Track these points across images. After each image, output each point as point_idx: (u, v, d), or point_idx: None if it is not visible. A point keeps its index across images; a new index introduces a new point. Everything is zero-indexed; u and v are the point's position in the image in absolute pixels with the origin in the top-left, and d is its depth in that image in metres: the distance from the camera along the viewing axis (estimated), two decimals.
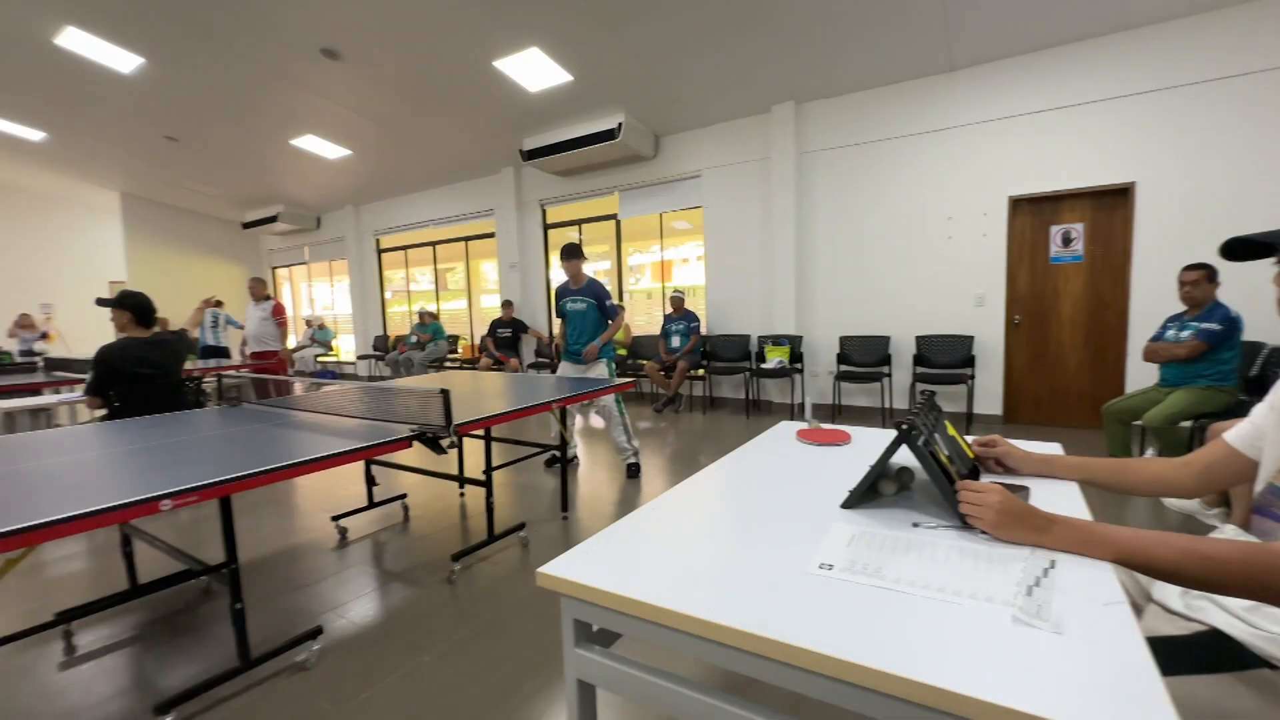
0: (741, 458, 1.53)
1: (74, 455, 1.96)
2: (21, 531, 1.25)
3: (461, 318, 9.59)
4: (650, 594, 0.83)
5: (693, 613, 0.78)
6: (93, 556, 2.91)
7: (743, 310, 6.39)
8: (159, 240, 10.65)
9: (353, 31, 5.06)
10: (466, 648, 2.02)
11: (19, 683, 1.91)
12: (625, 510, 3.31)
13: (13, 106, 7.12)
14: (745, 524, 1.08)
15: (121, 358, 3.01)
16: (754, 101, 5.77)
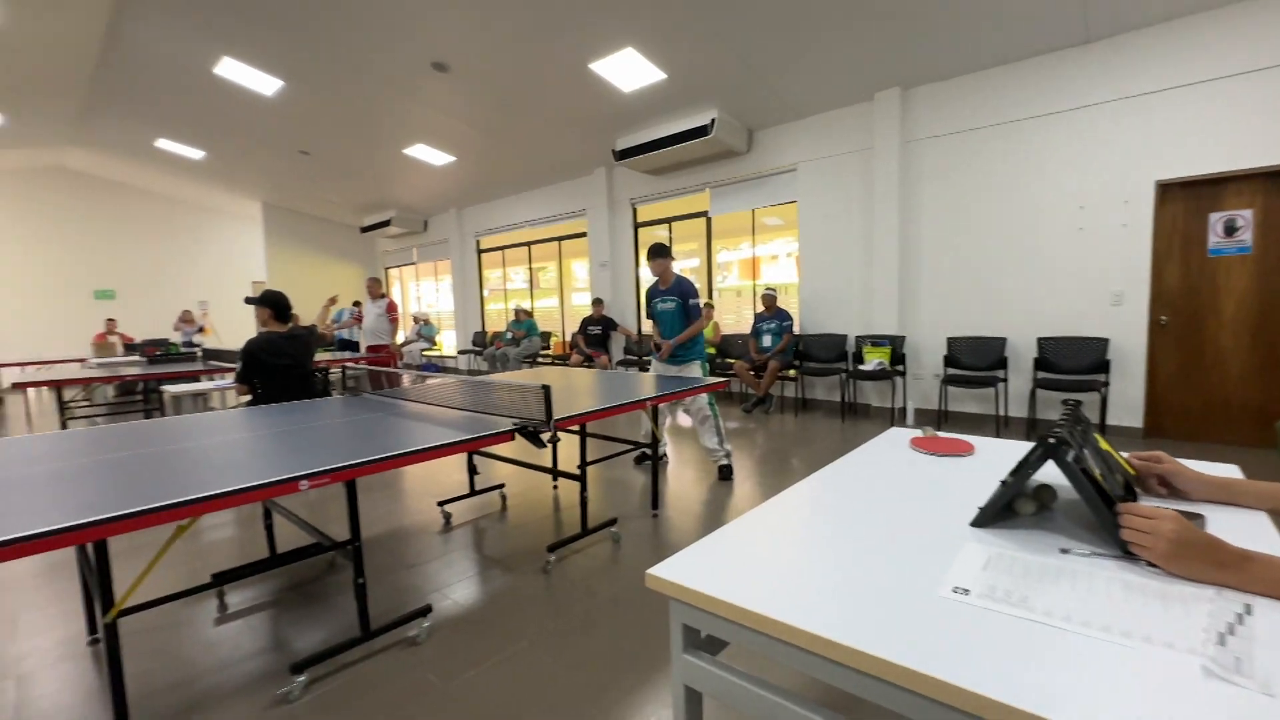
0: (851, 465, 1.45)
1: (226, 436, 2.21)
2: (190, 503, 1.42)
3: (553, 315, 9.91)
4: (764, 605, 0.80)
5: (813, 629, 0.74)
6: (240, 526, 3.28)
7: (839, 309, 6.11)
8: (293, 244, 11.86)
9: (461, 45, 5.35)
10: (562, 639, 2.07)
11: (184, 633, 2.18)
12: (716, 511, 3.27)
13: (181, 131, 8.20)
14: (862, 537, 1.01)
15: (263, 350, 3.36)
16: (856, 89, 5.49)
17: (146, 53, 6.03)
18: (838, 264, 6.07)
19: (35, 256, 10.71)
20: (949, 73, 5.11)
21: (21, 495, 1.52)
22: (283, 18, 5.12)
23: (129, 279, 11.72)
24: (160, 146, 8.81)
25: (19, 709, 1.79)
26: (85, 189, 11.16)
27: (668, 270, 3.95)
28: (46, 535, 1.22)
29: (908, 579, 0.86)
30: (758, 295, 6.59)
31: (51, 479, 1.67)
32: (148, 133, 8.39)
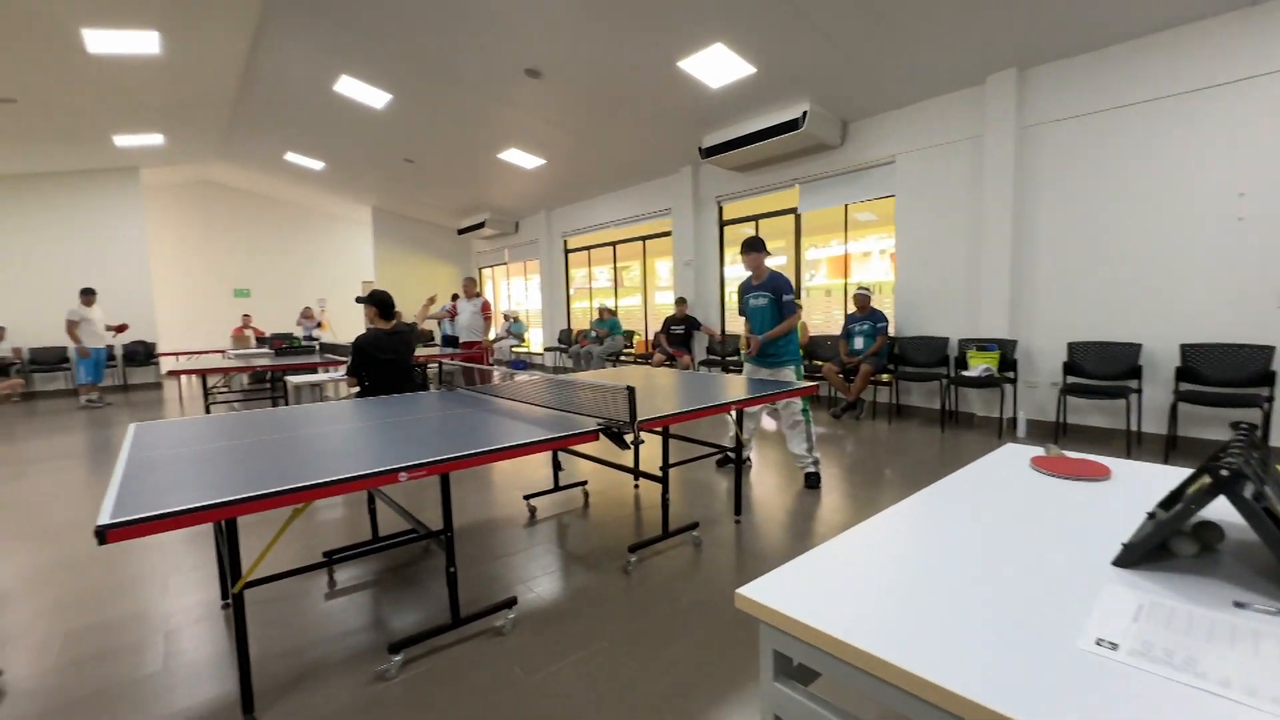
0: (963, 484, 1.32)
1: (336, 426, 2.38)
2: (305, 489, 1.53)
3: (636, 314, 9.98)
4: (866, 639, 0.73)
5: (925, 674, 0.66)
6: (348, 507, 3.54)
7: (940, 309, 5.70)
8: (398, 245, 12.74)
9: (552, 51, 5.49)
10: (642, 641, 2.05)
11: (300, 605, 2.38)
12: (802, 520, 3.14)
13: (305, 144, 9.03)
14: (980, 569, 0.91)
15: (370, 345, 3.61)
16: (965, 73, 5.08)
17: (278, 76, 6.68)
18: (939, 261, 5.66)
19: (187, 260, 12.21)
20: (1074, 49, 4.60)
21: (172, 473, 1.71)
22: (392, 34, 5.49)
23: (261, 278, 13.09)
24: (288, 159, 9.75)
25: (167, 659, 2.03)
26: (227, 199, 12.59)
27: (761, 265, 3.83)
28: (189, 512, 1.36)
29: (1037, 624, 0.75)
30: (849, 295, 6.28)
31: (196, 460, 1.87)
32: (278, 147, 9.32)
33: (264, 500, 1.46)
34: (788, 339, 3.79)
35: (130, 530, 1.28)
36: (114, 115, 7.36)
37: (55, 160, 8.64)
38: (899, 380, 5.84)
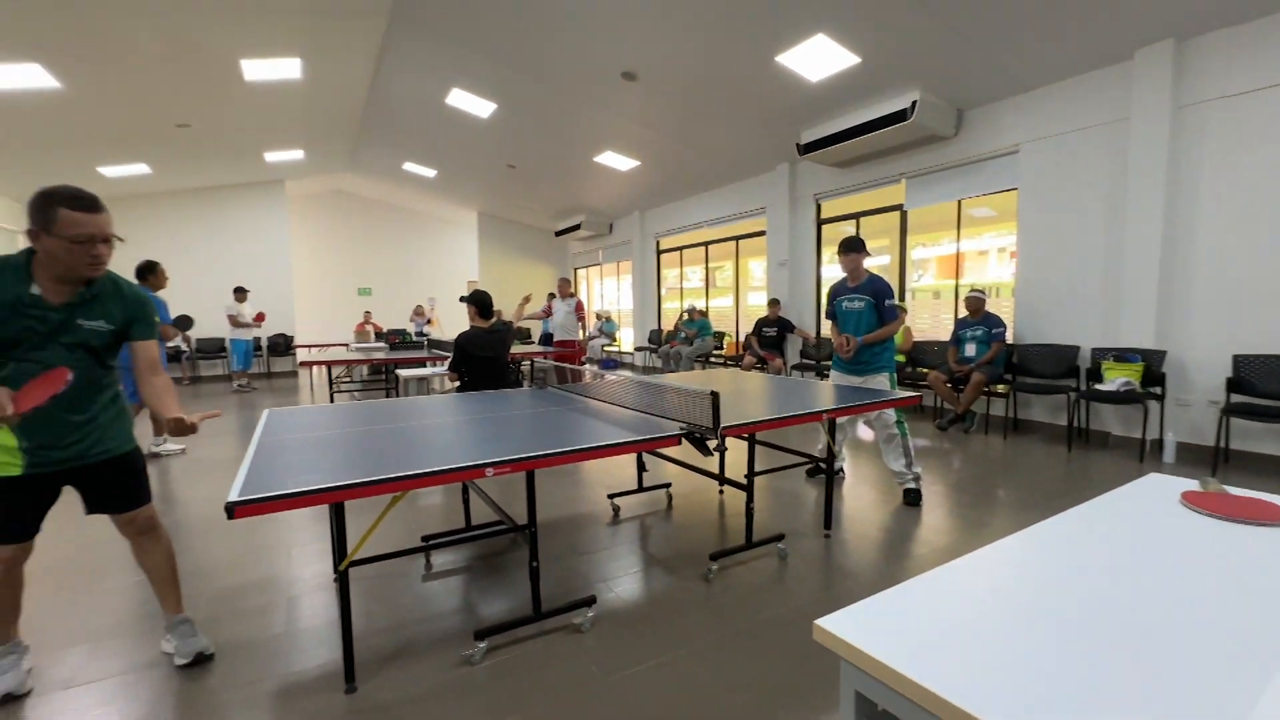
0: (1094, 518, 1.16)
1: (436, 419, 2.52)
2: (402, 479, 1.63)
3: (728, 315, 9.83)
4: (969, 699, 0.64)
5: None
6: (446, 494, 3.76)
7: (1069, 315, 5.11)
8: (500, 247, 13.43)
9: (648, 53, 5.52)
10: (721, 652, 2.00)
11: (401, 584, 2.55)
12: (899, 540, 2.93)
13: (421, 153, 9.75)
14: (1115, 627, 0.78)
15: (470, 343, 3.82)
16: (1108, 48, 4.51)
17: (399, 93, 7.25)
18: (1069, 261, 5.07)
19: (320, 261, 13.59)
20: (1247, 13, 3.94)
21: (294, 457, 1.89)
22: (497, 46, 5.77)
23: (381, 278, 14.31)
24: (406, 168, 10.58)
25: (288, 623, 2.25)
26: (354, 206, 13.88)
27: (859, 267, 3.62)
28: (301, 495, 1.49)
29: (1193, 706, 0.63)
30: (960, 297, 5.80)
31: (315, 445, 2.06)
32: (397, 157, 10.13)
33: (365, 488, 1.57)
34: (884, 345, 3.56)
35: (253, 508, 1.42)
36: (265, 134, 8.34)
37: (217, 175, 9.93)
38: (1017, 392, 5.30)
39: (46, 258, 1.67)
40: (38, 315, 1.68)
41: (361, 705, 1.76)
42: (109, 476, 1.88)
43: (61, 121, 6.46)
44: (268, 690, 1.84)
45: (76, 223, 1.63)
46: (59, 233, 1.62)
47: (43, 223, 1.62)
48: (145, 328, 1.88)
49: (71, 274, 1.69)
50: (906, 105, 5.39)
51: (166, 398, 1.81)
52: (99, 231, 1.67)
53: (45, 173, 8.10)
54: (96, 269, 1.72)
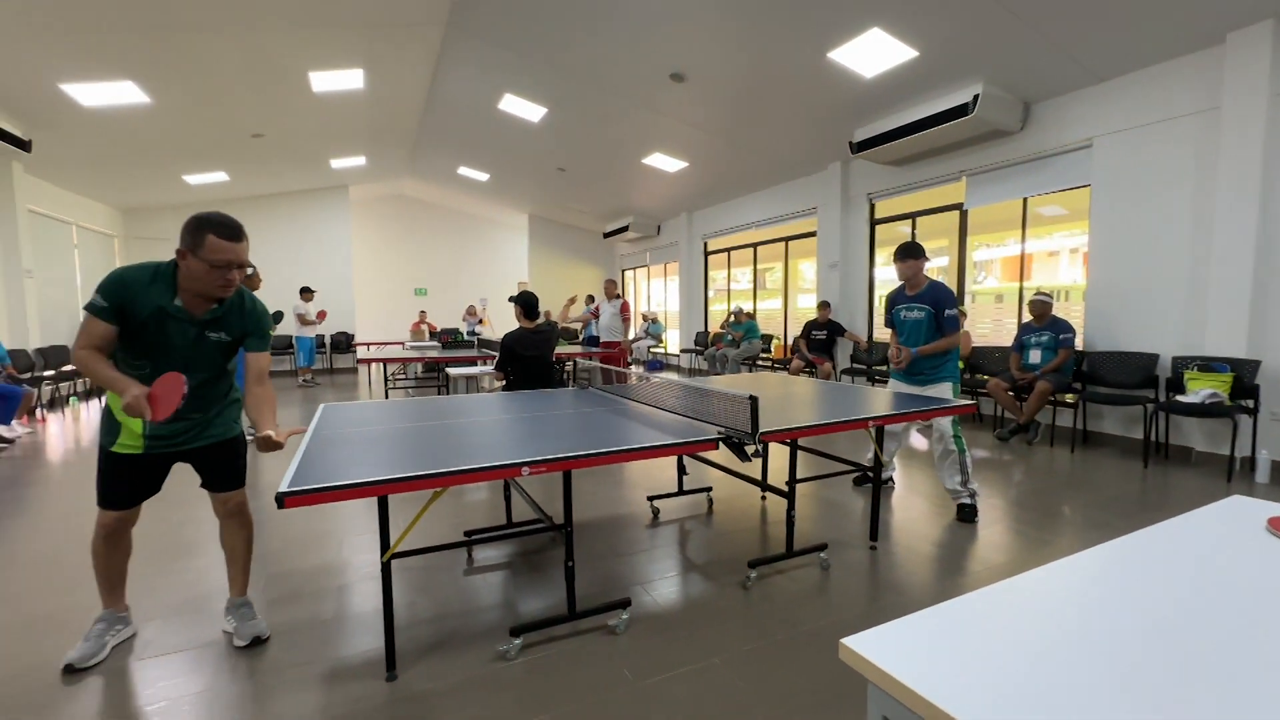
0: (1159, 542, 1.06)
1: (482, 417, 2.58)
2: (442, 475, 1.67)
3: (776, 317, 9.66)
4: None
5: None
6: (491, 490, 3.84)
7: (1146, 321, 4.75)
8: (549, 249, 13.65)
9: (697, 54, 5.49)
10: (757, 663, 1.95)
11: (443, 578, 2.62)
12: (950, 556, 2.79)
13: (474, 158, 10.02)
14: (1172, 666, 0.71)
15: (517, 343, 3.89)
16: (1194, 32, 4.17)
17: (454, 99, 7.48)
18: (1148, 263, 4.71)
19: (380, 263, 14.17)
20: None
21: (345, 451, 1.97)
22: (547, 50, 5.87)
23: (436, 278, 14.80)
24: (460, 173, 10.90)
25: (339, 608, 2.35)
26: (412, 209, 14.42)
27: (919, 274, 3.45)
28: (346, 488, 1.55)
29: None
30: (1024, 300, 5.48)
31: (365, 440, 2.14)
32: (452, 162, 10.45)
33: (405, 483, 1.62)
34: (946, 355, 3.39)
35: (302, 499, 1.49)
36: (330, 142, 8.77)
37: (287, 182, 10.52)
38: (1087, 402, 4.97)
39: (187, 275, 1.84)
40: (177, 324, 1.88)
41: (400, 694, 1.82)
42: (213, 458, 2.08)
43: (151, 134, 6.99)
44: (315, 673, 1.93)
45: (220, 249, 1.80)
46: (204, 256, 1.79)
47: (191, 245, 1.79)
48: (259, 341, 2.05)
49: (205, 293, 1.87)
50: (968, 99, 5.15)
51: (265, 410, 1.95)
52: (236, 259, 1.84)
53: (138, 182, 8.79)
54: (226, 291, 1.89)
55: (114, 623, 2.07)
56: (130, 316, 1.82)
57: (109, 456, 1.96)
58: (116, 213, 9.99)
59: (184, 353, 1.92)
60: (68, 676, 1.90)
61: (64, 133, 6.45)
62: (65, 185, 8.22)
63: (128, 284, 1.81)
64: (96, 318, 1.79)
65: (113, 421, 1.95)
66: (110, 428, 1.95)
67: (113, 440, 1.94)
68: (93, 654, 1.96)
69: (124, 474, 1.97)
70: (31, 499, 3.79)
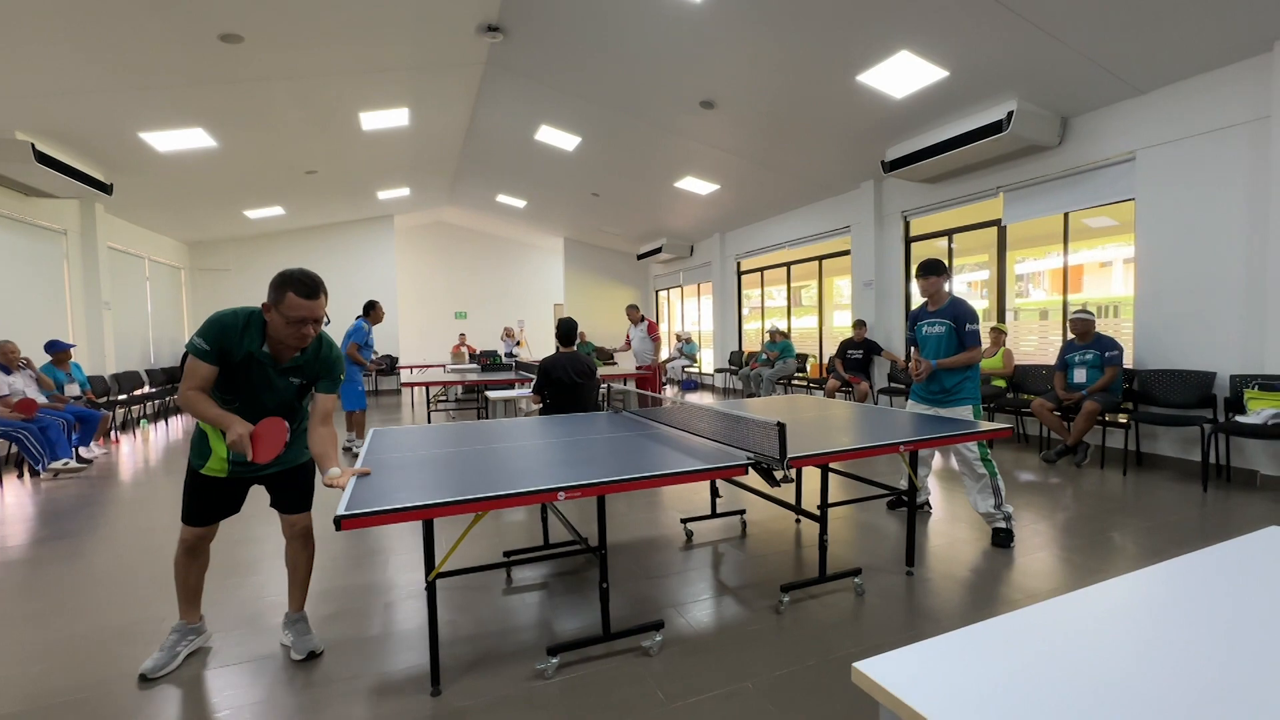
0: (1213, 566, 1.06)
1: (519, 442, 2.69)
2: (483, 500, 1.77)
3: (811, 336, 9.59)
4: None
5: None
6: (525, 513, 3.94)
7: (1201, 337, 4.56)
8: (584, 271, 13.92)
9: (726, 81, 5.62)
10: (789, 689, 1.97)
11: (483, 598, 2.72)
12: (988, 583, 2.74)
13: (512, 185, 10.38)
14: (1212, 704, 0.73)
15: (552, 367, 4.01)
16: (1239, 42, 4.06)
17: (493, 131, 7.81)
18: (1200, 278, 4.54)
19: (422, 288, 14.70)
20: None
21: (394, 476, 2.10)
22: (582, 83, 6.10)
23: (475, 301, 15.26)
24: (499, 200, 11.29)
25: (385, 625, 2.47)
26: (453, 236, 14.96)
27: (940, 290, 3.48)
28: (397, 511, 1.66)
29: None
30: (1068, 316, 5.33)
31: (412, 465, 2.27)
32: (491, 190, 10.85)
33: (449, 507, 1.72)
34: (966, 375, 3.36)
35: (357, 521, 1.61)
36: (377, 176, 9.25)
37: (337, 213, 11.09)
38: (1139, 422, 4.78)
39: (270, 326, 2.02)
40: (262, 369, 2.05)
41: (443, 710, 1.90)
42: (286, 483, 2.25)
43: (216, 173, 7.53)
44: (363, 687, 2.03)
45: (297, 306, 1.96)
46: (283, 312, 1.96)
47: (275, 300, 1.96)
48: (330, 384, 2.19)
49: (283, 345, 2.04)
50: (1001, 116, 5.10)
51: (330, 449, 2.11)
52: (311, 315, 1.99)
53: (203, 217, 9.43)
54: (303, 343, 2.04)
55: (186, 634, 2.23)
56: (227, 358, 2.00)
57: (197, 477, 2.13)
58: (183, 246, 10.71)
59: (267, 393, 2.10)
60: (142, 684, 2.06)
61: (140, 175, 7.01)
62: (138, 222, 8.88)
63: (225, 328, 1.99)
64: (200, 360, 1.97)
65: (205, 446, 2.12)
66: (201, 451, 2.13)
67: (202, 463, 2.12)
68: (165, 664, 2.12)
69: (208, 494, 2.14)
70: (108, 517, 4.08)
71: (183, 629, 2.23)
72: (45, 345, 6.10)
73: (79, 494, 4.70)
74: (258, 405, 2.09)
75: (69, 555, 3.34)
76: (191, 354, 1.98)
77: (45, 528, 3.86)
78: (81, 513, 4.18)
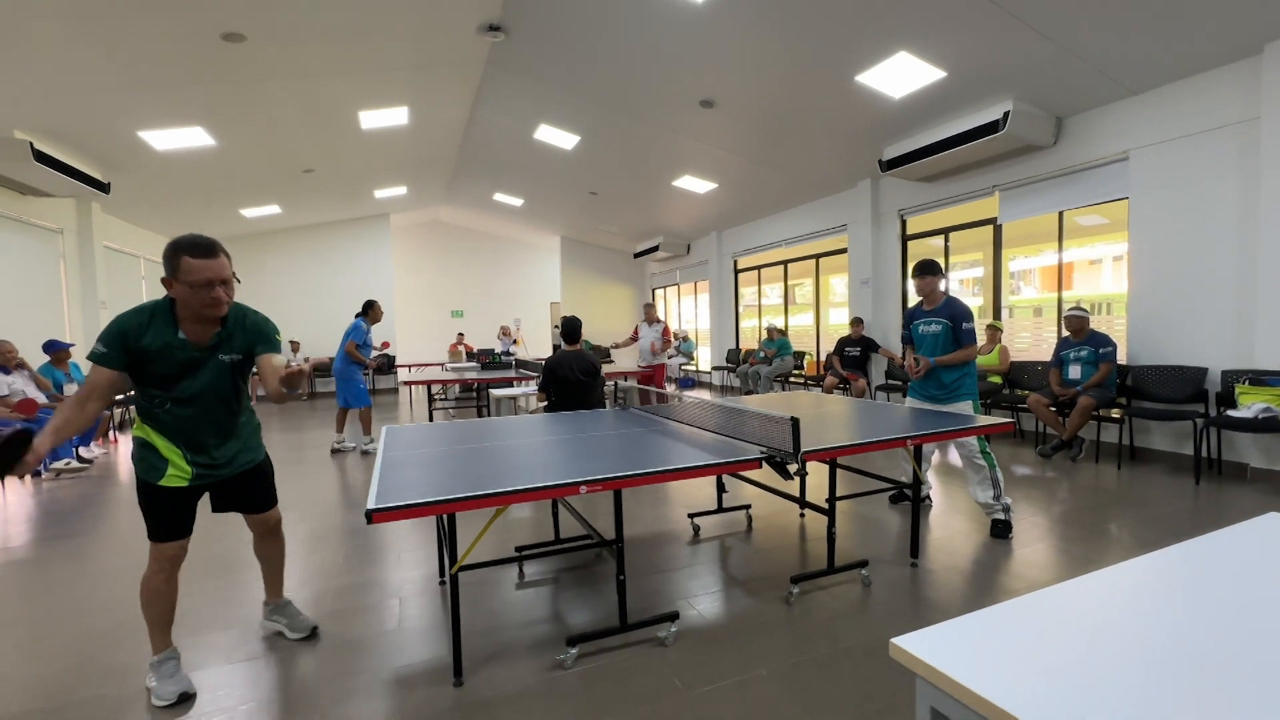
0: (1210, 553, 1.12)
1: (529, 439, 2.73)
2: (508, 494, 1.81)
3: (807, 333, 9.67)
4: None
5: None
6: (534, 509, 3.97)
7: (1193, 333, 4.66)
8: (580, 270, 13.95)
9: (726, 81, 5.67)
10: (803, 678, 2.02)
11: (495, 592, 2.76)
12: (989, 573, 2.81)
13: (509, 184, 10.39)
14: (1221, 671, 0.79)
15: (558, 365, 4.05)
16: (1229, 45, 4.15)
17: (491, 130, 7.82)
18: (1192, 275, 4.64)
19: (419, 286, 14.67)
20: None
21: (413, 471, 2.14)
22: (582, 82, 6.13)
23: (471, 300, 15.24)
24: (496, 199, 11.30)
25: (400, 620, 2.50)
26: (448, 235, 14.94)
27: (935, 290, 3.56)
28: (428, 504, 1.70)
29: None
30: (1064, 313, 5.42)
31: (428, 461, 2.31)
32: (488, 189, 10.85)
33: (476, 500, 1.76)
34: (963, 371, 3.45)
35: (388, 515, 1.64)
36: (374, 174, 9.23)
37: (333, 212, 11.05)
38: (1133, 417, 4.87)
39: (180, 303, 1.88)
40: (187, 355, 1.91)
41: (467, 699, 1.95)
42: (249, 483, 2.19)
43: (214, 172, 7.50)
44: (385, 679, 2.07)
45: (196, 269, 1.80)
46: (183, 279, 1.81)
47: (171, 270, 1.82)
48: (268, 345, 2.06)
49: (198, 315, 1.89)
50: (998, 116, 5.18)
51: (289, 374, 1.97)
52: (216, 276, 1.83)
53: (200, 216, 9.38)
54: (217, 309, 1.89)
55: (176, 656, 2.05)
56: (141, 358, 1.85)
57: (155, 491, 1.95)
58: None
59: (203, 380, 1.95)
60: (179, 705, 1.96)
61: (138, 174, 6.97)
62: (134, 221, 8.82)
63: (125, 327, 1.84)
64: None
65: (155, 457, 1.95)
66: (152, 464, 1.95)
67: (159, 475, 1.94)
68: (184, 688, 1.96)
69: (172, 505, 1.98)
70: (112, 516, 4.09)
71: (175, 654, 2.05)
72: (44, 345, 6.07)
73: (82, 493, 4.69)
74: (198, 397, 1.95)
75: (77, 554, 3.35)
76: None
77: (53, 527, 3.87)
78: (86, 512, 4.18)
